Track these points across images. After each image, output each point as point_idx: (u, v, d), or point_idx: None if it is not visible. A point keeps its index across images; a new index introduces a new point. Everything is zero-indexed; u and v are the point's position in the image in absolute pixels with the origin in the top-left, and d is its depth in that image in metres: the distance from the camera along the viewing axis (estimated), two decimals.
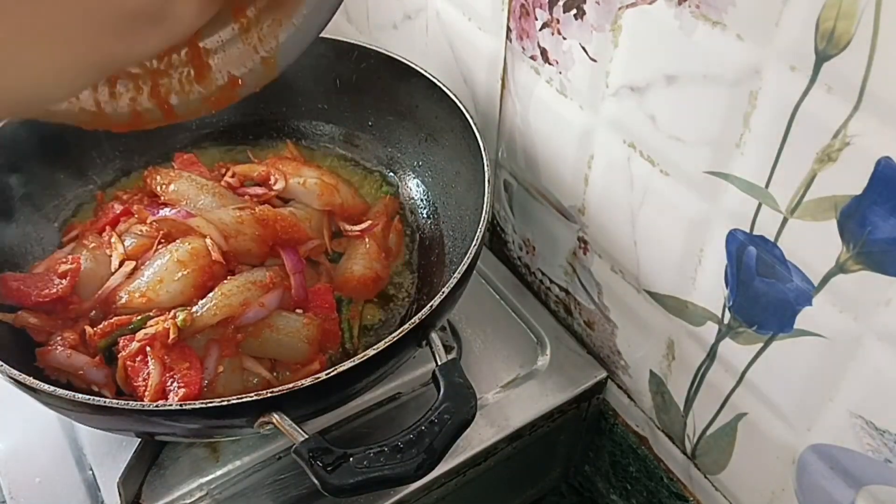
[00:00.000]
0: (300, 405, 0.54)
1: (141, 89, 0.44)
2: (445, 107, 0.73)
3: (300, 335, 0.64)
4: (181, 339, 0.60)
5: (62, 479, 0.65)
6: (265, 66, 0.44)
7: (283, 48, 0.44)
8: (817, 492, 0.56)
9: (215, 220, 0.67)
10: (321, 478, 0.50)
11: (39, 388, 0.52)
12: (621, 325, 0.71)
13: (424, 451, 0.51)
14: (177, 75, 0.44)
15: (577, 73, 0.61)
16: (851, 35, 0.40)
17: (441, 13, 0.77)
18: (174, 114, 0.45)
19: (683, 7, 0.49)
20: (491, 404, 0.71)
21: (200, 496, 0.64)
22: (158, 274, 0.64)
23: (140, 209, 0.70)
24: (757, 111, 0.47)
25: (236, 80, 0.45)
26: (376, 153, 0.84)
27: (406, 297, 0.74)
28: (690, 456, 0.69)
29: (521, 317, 0.79)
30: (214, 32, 0.44)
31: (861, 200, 0.43)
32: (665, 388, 0.68)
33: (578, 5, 0.57)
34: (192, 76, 0.44)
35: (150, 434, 0.59)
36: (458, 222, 0.75)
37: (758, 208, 0.50)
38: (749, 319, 0.55)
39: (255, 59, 0.44)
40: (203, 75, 0.44)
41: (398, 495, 0.66)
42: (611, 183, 0.63)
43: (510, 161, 0.77)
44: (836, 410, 0.51)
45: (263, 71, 0.45)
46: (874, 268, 0.44)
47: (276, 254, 0.69)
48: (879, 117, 0.40)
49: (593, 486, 0.87)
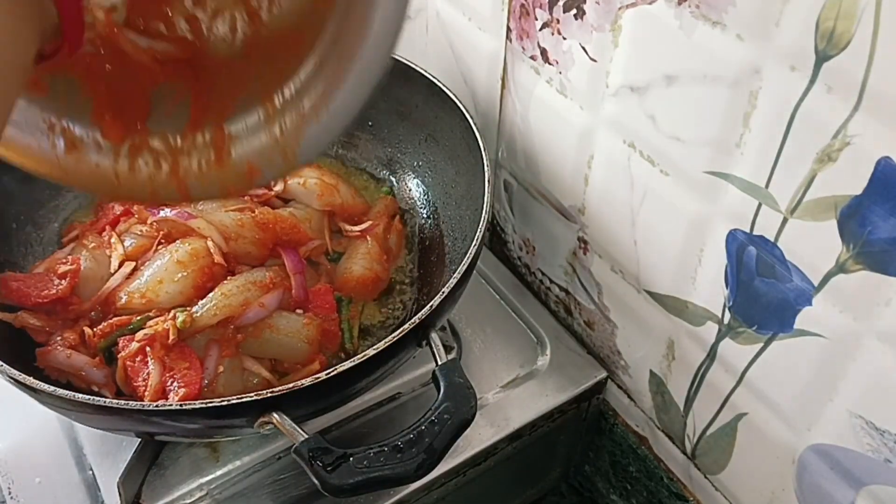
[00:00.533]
0: (300, 405, 0.54)
1: (161, 167, 0.44)
2: (445, 107, 0.73)
3: (300, 335, 0.64)
4: (181, 339, 0.60)
5: (62, 479, 0.65)
6: (284, 161, 0.44)
7: (304, 144, 0.43)
8: (817, 492, 0.56)
9: (216, 222, 0.67)
10: (321, 478, 0.50)
11: (39, 388, 0.52)
12: (621, 325, 0.71)
13: (424, 451, 0.51)
14: (197, 157, 0.44)
15: (577, 73, 0.61)
16: (851, 35, 0.40)
17: (441, 13, 0.77)
18: (189, 195, 0.45)
19: (683, 7, 0.49)
20: (491, 404, 0.71)
21: (200, 496, 0.64)
22: (158, 274, 0.64)
23: (140, 209, 0.70)
24: (757, 111, 0.47)
25: (254, 169, 0.44)
26: (376, 153, 0.84)
27: (406, 297, 0.74)
28: (690, 456, 0.69)
29: (521, 317, 0.79)
30: (241, 117, 0.43)
31: (861, 200, 0.43)
32: (665, 388, 0.68)
33: (578, 5, 0.57)
34: (213, 160, 0.44)
35: (150, 434, 0.59)
36: (458, 222, 0.75)
37: (758, 208, 0.50)
38: (749, 319, 0.55)
39: (275, 151, 0.43)
40: (223, 161, 0.44)
41: (398, 495, 0.66)
42: (611, 183, 0.63)
43: (510, 161, 0.77)
44: (836, 410, 0.51)
45: (282, 165, 0.44)
46: (874, 268, 0.44)
47: (277, 254, 0.69)
48: (879, 117, 0.40)
49: (593, 486, 0.87)
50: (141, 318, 0.62)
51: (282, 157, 0.43)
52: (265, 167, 0.44)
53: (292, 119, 0.42)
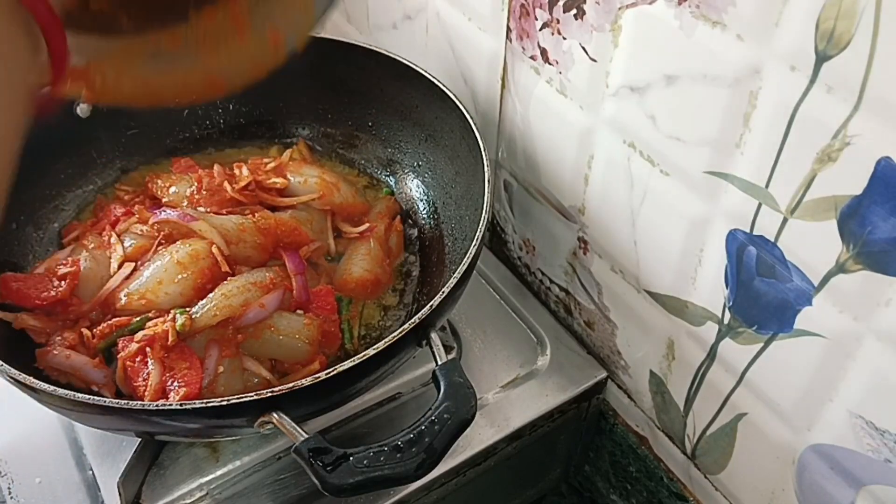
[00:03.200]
0: (300, 405, 0.54)
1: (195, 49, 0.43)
2: (445, 107, 0.73)
3: (300, 336, 0.64)
4: (181, 339, 0.60)
5: (62, 479, 0.65)
6: (305, 16, 0.44)
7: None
8: (817, 492, 0.56)
9: (217, 225, 0.67)
10: (321, 477, 0.50)
11: (39, 388, 0.52)
12: (621, 325, 0.71)
13: (424, 451, 0.51)
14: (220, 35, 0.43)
15: (577, 73, 0.61)
16: (851, 35, 0.40)
17: (441, 13, 0.77)
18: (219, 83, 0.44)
19: (683, 7, 0.49)
20: (491, 404, 0.71)
21: (200, 496, 0.64)
22: (158, 275, 0.64)
23: (141, 210, 0.70)
24: (757, 111, 0.47)
25: (277, 34, 0.44)
26: (376, 153, 0.84)
27: (406, 298, 0.74)
28: (690, 456, 0.69)
29: (521, 317, 0.79)
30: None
31: (861, 200, 0.43)
32: (665, 388, 0.68)
33: (578, 5, 0.57)
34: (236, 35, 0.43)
35: (151, 434, 0.59)
36: (458, 222, 0.75)
37: (758, 208, 0.50)
38: (749, 319, 0.55)
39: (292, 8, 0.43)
40: (243, 32, 0.43)
41: (398, 495, 0.66)
42: (611, 183, 0.63)
43: (510, 161, 0.77)
44: (836, 410, 0.51)
45: (303, 22, 0.44)
46: (874, 268, 0.44)
47: (278, 254, 0.69)
48: (879, 117, 0.40)
49: (593, 486, 0.87)
50: (140, 319, 0.62)
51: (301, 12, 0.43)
52: (287, 29, 0.44)
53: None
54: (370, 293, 0.72)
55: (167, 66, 0.43)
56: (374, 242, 0.74)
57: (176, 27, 0.42)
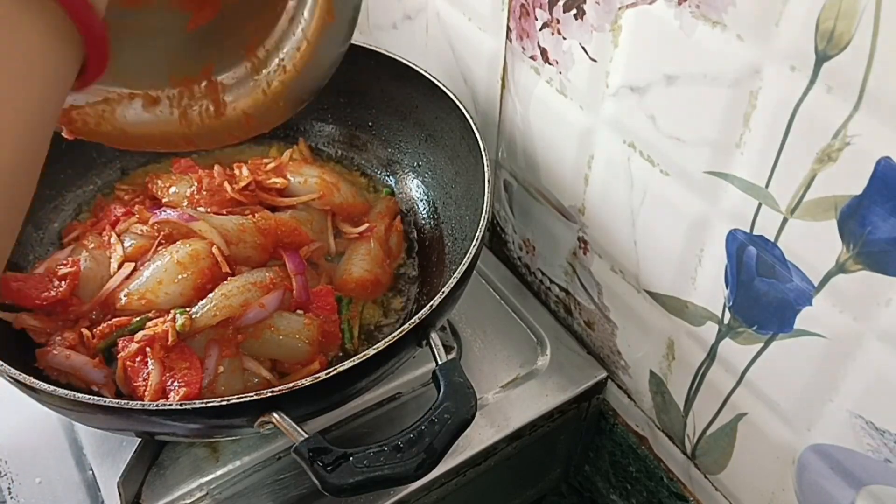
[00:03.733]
0: (300, 405, 0.54)
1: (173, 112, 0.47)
2: (445, 107, 0.73)
3: (300, 336, 0.64)
4: (181, 339, 0.60)
5: (62, 479, 0.65)
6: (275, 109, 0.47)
7: (289, 92, 0.46)
8: (817, 492, 0.56)
9: (217, 225, 0.67)
10: (321, 477, 0.50)
11: (39, 388, 0.52)
12: (621, 325, 0.71)
13: (424, 451, 0.51)
14: (198, 107, 0.47)
15: (577, 73, 0.61)
16: (851, 35, 0.40)
17: (441, 13, 0.77)
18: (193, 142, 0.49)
19: (683, 7, 0.49)
20: (491, 404, 0.71)
21: (200, 496, 0.64)
22: (158, 275, 0.64)
23: (141, 210, 0.70)
24: (757, 111, 0.47)
25: (249, 117, 0.48)
26: (376, 153, 0.84)
27: (406, 297, 0.74)
28: (690, 456, 0.69)
29: (521, 317, 0.79)
30: (230, 67, 0.47)
31: (861, 200, 0.43)
32: (665, 388, 0.68)
33: (578, 5, 0.57)
34: (212, 111, 0.47)
35: (151, 434, 0.59)
36: (458, 222, 0.75)
37: (758, 208, 0.50)
38: (749, 319, 0.55)
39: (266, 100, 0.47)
40: (220, 111, 0.47)
41: (398, 495, 0.66)
42: (611, 183, 0.63)
43: (510, 161, 0.77)
44: (836, 410, 0.51)
45: (274, 112, 0.47)
46: (874, 268, 0.44)
47: (278, 255, 0.69)
48: (879, 117, 0.40)
49: (593, 486, 0.87)
50: (140, 319, 0.62)
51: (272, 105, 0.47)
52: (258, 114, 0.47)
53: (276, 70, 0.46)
54: (370, 293, 0.72)
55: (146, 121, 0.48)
56: (374, 242, 0.74)
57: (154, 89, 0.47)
